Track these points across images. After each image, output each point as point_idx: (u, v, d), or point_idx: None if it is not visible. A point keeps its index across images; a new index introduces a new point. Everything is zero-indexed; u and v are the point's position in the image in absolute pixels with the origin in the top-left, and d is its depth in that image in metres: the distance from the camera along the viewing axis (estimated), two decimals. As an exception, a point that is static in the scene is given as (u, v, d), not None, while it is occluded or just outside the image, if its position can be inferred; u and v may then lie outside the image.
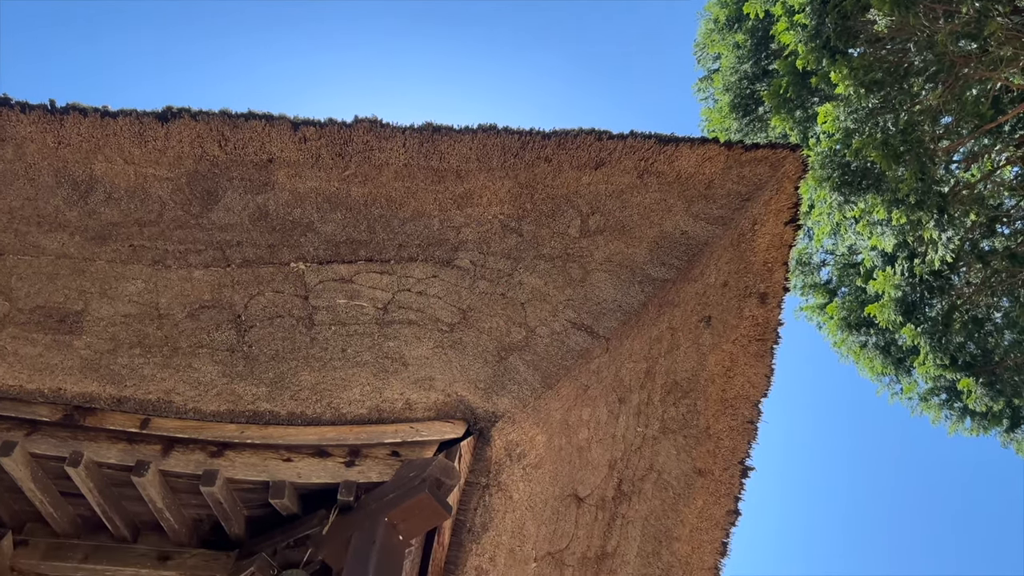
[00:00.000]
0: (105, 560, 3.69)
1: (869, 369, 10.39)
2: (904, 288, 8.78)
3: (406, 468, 3.64)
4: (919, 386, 9.94)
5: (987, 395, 8.74)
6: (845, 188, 8.26)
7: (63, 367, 3.36)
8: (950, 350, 8.82)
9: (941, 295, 8.85)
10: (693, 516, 4.43)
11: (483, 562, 4.24)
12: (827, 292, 11.09)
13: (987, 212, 8.87)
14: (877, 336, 10.03)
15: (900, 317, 8.81)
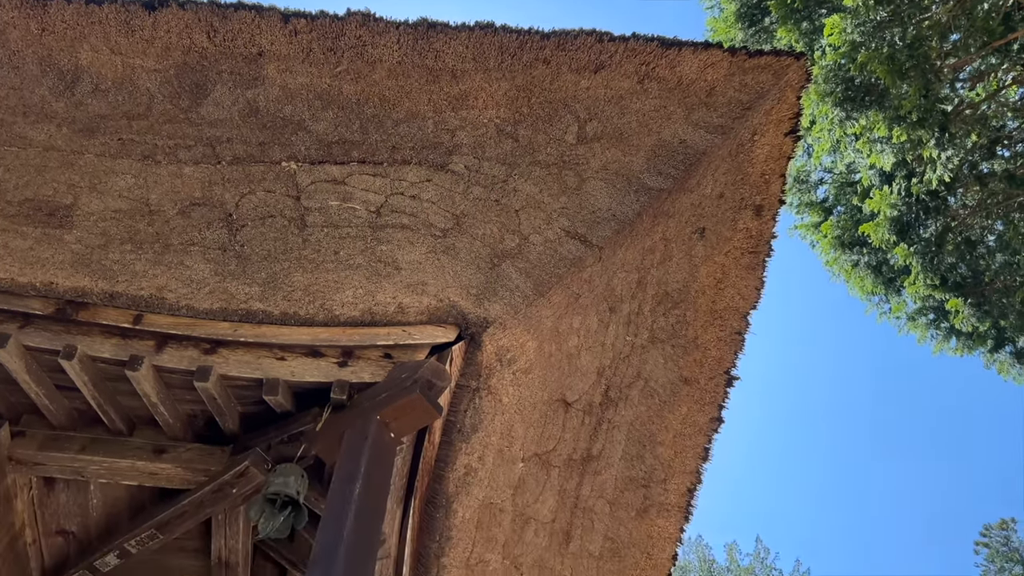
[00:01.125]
0: (102, 452, 3.78)
1: (859, 288, 10.48)
2: (900, 208, 8.76)
3: (398, 370, 3.69)
4: (908, 306, 10.06)
5: (974, 316, 8.86)
6: (847, 104, 8.13)
7: (54, 261, 3.35)
8: (941, 270, 8.87)
9: (936, 216, 8.84)
10: (677, 422, 4.54)
11: (472, 461, 4.36)
12: (823, 210, 11.07)
13: (989, 133, 8.77)
14: (869, 256, 10.08)
15: (894, 236, 8.83)
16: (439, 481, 4.40)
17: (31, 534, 4.01)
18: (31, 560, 4.08)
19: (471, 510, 4.52)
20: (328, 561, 2.77)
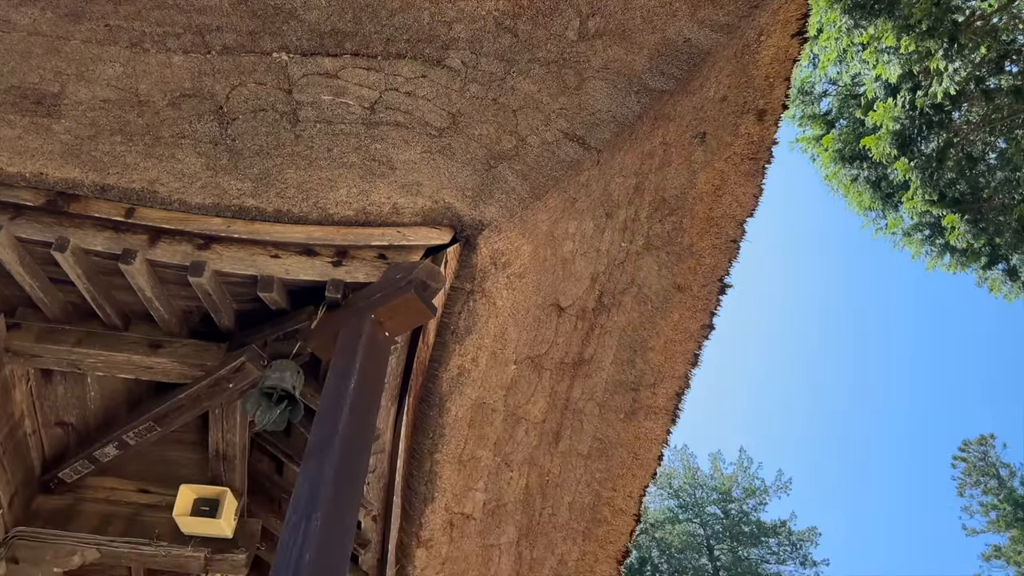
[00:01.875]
0: (98, 345, 3.82)
1: (857, 203, 10.45)
2: (903, 121, 8.63)
3: (393, 270, 3.69)
4: (904, 221, 10.06)
5: (970, 232, 8.87)
6: (857, 11, 7.89)
7: (43, 151, 3.28)
8: (940, 186, 8.83)
9: (939, 130, 8.72)
10: (669, 329, 4.59)
11: (466, 362, 4.42)
12: (825, 123, 10.91)
13: (998, 47, 8.56)
14: (869, 170, 10.00)
15: (895, 151, 8.74)
16: (433, 380, 4.47)
17: (31, 424, 4.08)
18: (32, 450, 4.17)
19: (464, 409, 4.62)
20: (323, 452, 2.83)
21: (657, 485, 38.18)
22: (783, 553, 35.08)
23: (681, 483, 38.59)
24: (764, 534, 35.21)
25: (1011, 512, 32.50)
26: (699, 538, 35.31)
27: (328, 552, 2.44)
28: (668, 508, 37.14)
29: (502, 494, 5.08)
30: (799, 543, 35.18)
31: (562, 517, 5.31)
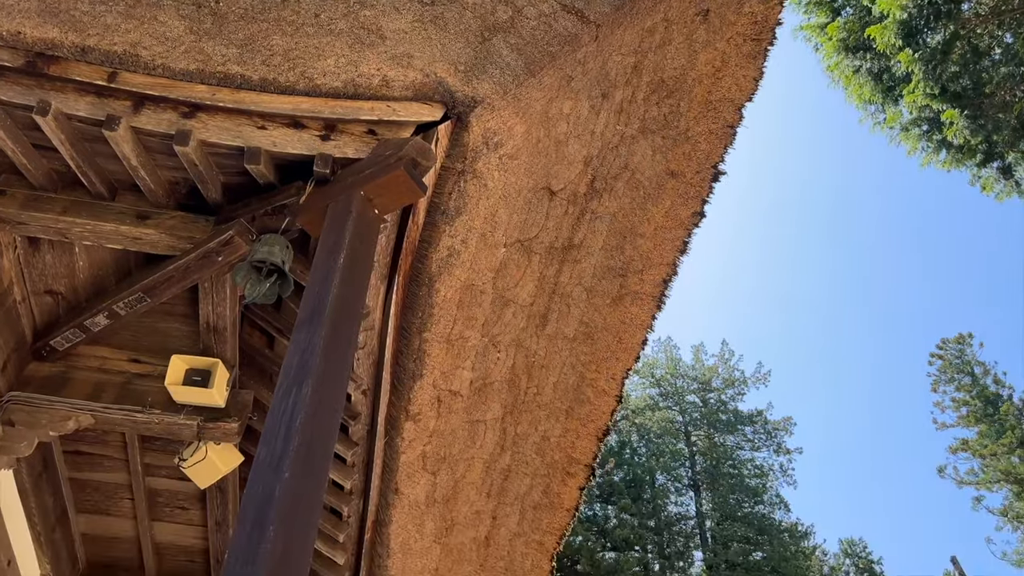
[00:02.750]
0: (84, 214, 3.78)
1: (857, 96, 10.26)
2: (911, 10, 8.35)
3: (382, 146, 3.63)
4: (903, 116, 9.91)
5: (968, 128, 8.76)
6: None
7: (20, 8, 3.13)
8: (942, 80, 8.64)
9: (947, 21, 8.45)
10: (659, 215, 4.59)
11: (455, 244, 4.43)
12: (831, 11, 10.54)
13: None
14: (872, 62, 9.75)
15: (899, 41, 8.49)
16: (422, 261, 4.49)
17: (19, 292, 4.09)
18: (22, 317, 4.20)
19: (453, 290, 4.66)
20: (313, 323, 2.87)
21: (640, 375, 39.23)
22: (758, 441, 36.52)
23: (663, 373, 39.64)
24: (740, 422, 36.53)
25: (981, 408, 33.75)
26: (677, 424, 36.60)
27: (319, 418, 2.51)
28: (649, 396, 38.30)
29: (489, 373, 5.20)
30: (774, 432, 36.57)
31: (546, 396, 5.46)
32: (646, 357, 40.31)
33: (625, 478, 31.57)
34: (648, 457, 34.53)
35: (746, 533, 31.81)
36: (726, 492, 33.14)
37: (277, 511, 2.17)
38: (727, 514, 32.51)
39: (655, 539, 31.04)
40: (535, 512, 5.76)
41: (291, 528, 2.19)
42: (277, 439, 2.39)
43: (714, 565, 30.20)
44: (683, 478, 35.24)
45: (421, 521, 5.33)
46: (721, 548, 30.72)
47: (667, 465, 34.59)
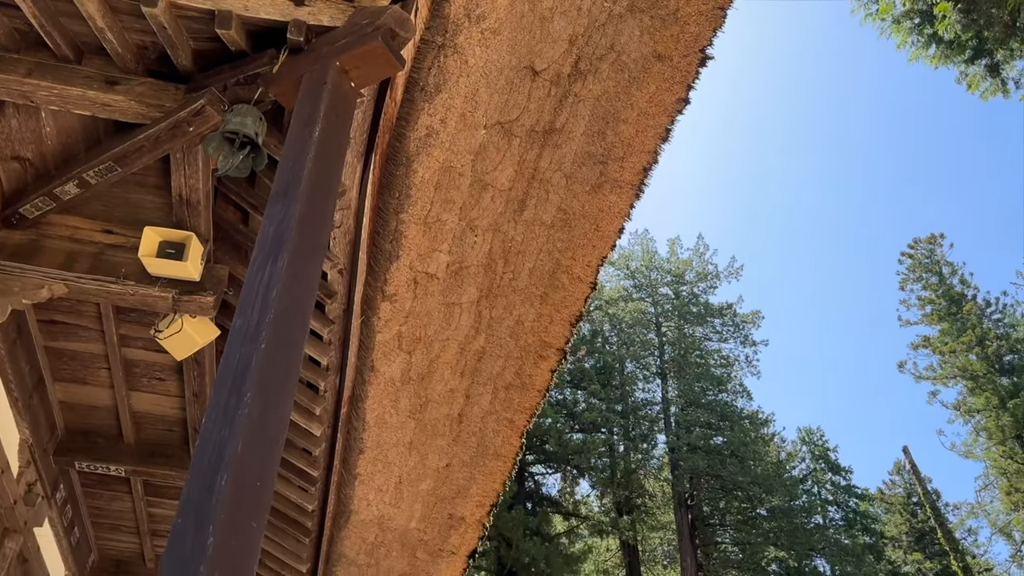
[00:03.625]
0: (50, 77, 3.62)
1: (851, -15, 9.94)
2: None
3: (359, 15, 3.48)
4: (895, 7, 9.64)
5: (960, 22, 8.55)
6: None
7: None
8: (939, -30, 8.38)
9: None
10: (644, 101, 4.51)
11: (434, 123, 4.34)
12: None
13: None
14: (870, -52, 9.41)
15: (900, -73, 8.17)
16: (400, 139, 4.41)
17: (-15, 157, 3.98)
18: (-10, 183, 4.10)
19: (431, 171, 4.60)
20: (288, 196, 2.83)
21: (615, 267, 39.62)
22: (726, 333, 37.46)
23: (638, 265, 40.06)
24: (710, 315, 37.34)
25: (945, 307, 34.72)
26: (649, 315, 37.35)
27: (294, 290, 2.52)
28: (623, 288, 38.84)
29: (465, 257, 5.22)
30: (742, 324, 37.49)
31: (522, 281, 5.51)
32: (622, 249, 40.63)
33: (596, 365, 32.43)
34: (619, 346, 35.38)
35: (708, 419, 33.12)
36: (692, 380, 34.25)
37: (254, 378, 2.21)
38: (691, 401, 33.73)
39: (621, 422, 32.25)
40: (507, 392, 5.93)
41: (267, 395, 2.24)
42: (253, 309, 2.41)
43: (676, 448, 31.58)
44: (651, 366, 36.28)
45: (396, 398, 5.47)
46: (684, 432, 32.04)
47: (636, 354, 35.52)
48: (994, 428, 32.65)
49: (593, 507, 33.16)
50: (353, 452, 5.53)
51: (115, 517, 6.22)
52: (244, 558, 2.01)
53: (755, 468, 31.58)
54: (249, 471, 2.09)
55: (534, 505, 29.14)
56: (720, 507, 33.53)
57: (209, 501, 2.01)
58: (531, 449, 29.01)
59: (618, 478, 30.36)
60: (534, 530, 26.30)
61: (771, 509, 33.08)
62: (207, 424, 2.23)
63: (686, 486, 31.60)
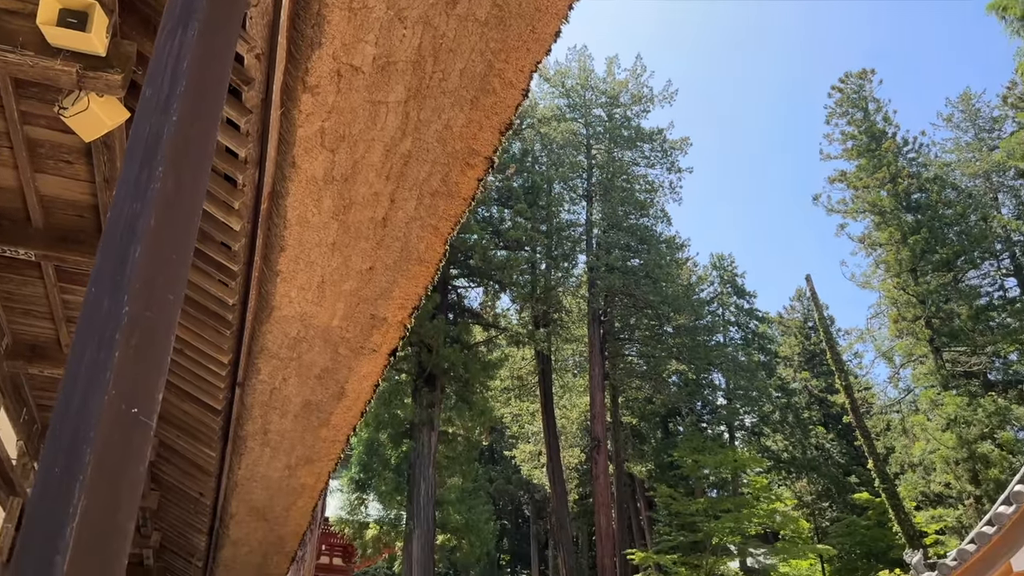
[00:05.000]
0: None
1: None
2: None
3: None
4: None
5: None
6: None
7: None
8: None
9: None
10: None
11: None
12: None
13: None
14: None
15: None
16: (324, -88, 4.03)
17: None
18: None
19: (358, -49, 4.26)
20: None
21: (551, 83, 38.69)
22: (654, 158, 37.82)
23: (574, 83, 39.23)
24: (641, 139, 37.44)
25: (866, 143, 35.67)
26: (580, 137, 37.17)
27: (207, 63, 2.36)
28: (557, 107, 38.21)
29: (393, 51, 4.98)
30: (670, 150, 37.82)
31: (452, 83, 5.33)
32: (559, 65, 39.54)
33: (524, 184, 32.52)
34: (548, 167, 35.38)
35: (628, 242, 34.18)
36: (616, 204, 34.89)
37: (166, 152, 2.12)
38: (613, 224, 34.55)
39: (545, 242, 32.95)
40: (433, 199, 5.91)
41: (180, 171, 2.16)
42: (163, 80, 2.27)
43: (595, 267, 32.71)
44: (578, 188, 36.64)
45: (319, 197, 5.40)
46: (604, 253, 33.08)
47: (565, 175, 35.68)
48: (892, 261, 34.87)
49: (512, 320, 34.56)
50: (274, 250, 5.51)
51: (27, 302, 6.12)
52: (161, 330, 2.02)
53: (667, 289, 33.17)
54: (164, 245, 2.06)
55: (456, 316, 30.14)
56: (630, 324, 35.45)
57: (123, 272, 1.99)
58: (456, 264, 29.55)
59: (538, 294, 31.48)
60: (454, 338, 27.38)
61: (677, 327, 35.19)
62: (118, 198, 2.16)
63: (601, 303, 33.09)
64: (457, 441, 29.21)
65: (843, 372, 38.31)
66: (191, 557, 8.13)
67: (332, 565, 33.70)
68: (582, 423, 40.59)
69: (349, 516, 26.20)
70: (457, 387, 28.22)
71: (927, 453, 30.56)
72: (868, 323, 41.73)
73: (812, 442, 49.20)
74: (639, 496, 46.40)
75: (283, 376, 6.70)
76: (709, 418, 47.43)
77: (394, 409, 26.63)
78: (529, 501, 56.86)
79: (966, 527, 22.92)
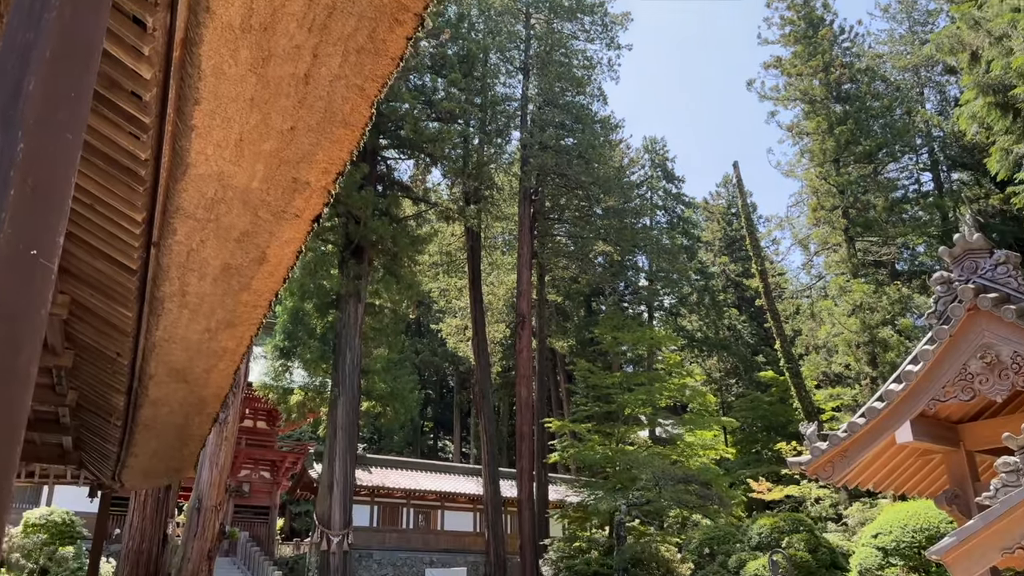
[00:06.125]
0: None
1: None
2: None
3: None
4: None
5: None
6: None
7: None
8: None
9: None
10: None
11: None
12: None
13: None
14: None
15: None
16: None
17: None
18: None
19: None
20: None
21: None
22: (594, 32, 36.88)
23: (514, -53, 37.32)
24: (582, 11, 36.33)
25: (803, 29, 35.55)
26: (520, 4, 35.81)
27: None
28: (495, -30, 36.45)
29: None
30: (611, 25, 36.91)
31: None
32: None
33: (459, 53, 31.40)
34: (485, 35, 34.14)
35: (563, 120, 33.80)
36: (552, 79, 34.19)
37: (58, -22, 1.95)
38: (549, 100, 33.98)
39: (479, 115, 32.27)
40: (358, 56, 5.65)
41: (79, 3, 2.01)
42: None
43: (528, 145, 32.38)
44: (515, 60, 35.65)
45: (235, 47, 5.09)
46: (538, 131, 32.69)
47: (502, 44, 34.58)
48: (817, 151, 35.65)
49: (443, 195, 34.26)
50: (188, 103, 5.23)
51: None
52: (61, 172, 1.93)
53: (599, 170, 33.25)
54: (60, 80, 1.93)
55: (385, 188, 29.65)
56: (560, 203, 35.63)
57: (15, 106, 1.86)
58: (386, 134, 28.76)
59: (469, 169, 31.12)
60: (383, 211, 27.05)
61: (606, 209, 35.58)
62: (10, 27, 2.00)
63: (532, 182, 33.01)
64: (384, 313, 29.43)
65: (760, 257, 39.79)
66: (109, 416, 8.12)
67: (256, 428, 34.31)
68: (508, 300, 41.35)
69: (273, 382, 26.45)
70: (385, 260, 28.15)
71: (831, 336, 32.46)
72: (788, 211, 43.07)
73: (725, 323, 51.59)
74: (559, 370, 48.21)
75: (200, 238, 6.52)
76: (630, 298, 48.98)
77: (320, 280, 26.49)
78: (454, 373, 58.45)
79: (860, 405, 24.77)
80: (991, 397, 8.50)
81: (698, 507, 26.17)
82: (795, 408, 34.61)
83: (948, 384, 8.79)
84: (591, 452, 30.17)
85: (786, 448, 30.09)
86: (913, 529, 14.77)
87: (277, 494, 34.35)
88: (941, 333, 8.85)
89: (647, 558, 25.31)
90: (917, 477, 10.84)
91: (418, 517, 34.85)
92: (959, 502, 9.08)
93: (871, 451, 9.74)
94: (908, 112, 38.41)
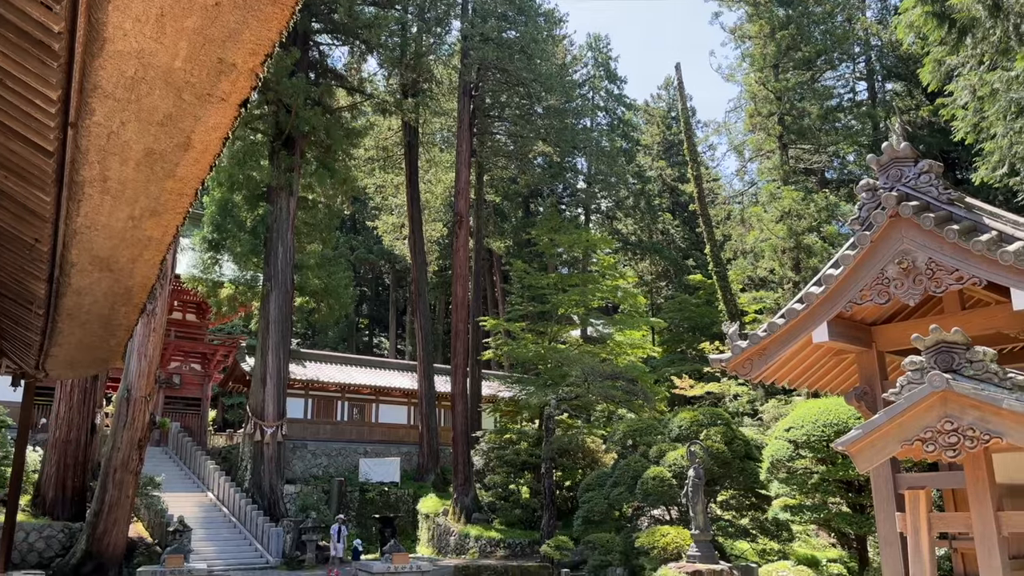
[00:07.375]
0: None
1: None
2: None
3: None
4: None
5: None
6: None
7: None
8: None
9: None
10: None
11: None
12: None
13: None
14: None
15: None
16: None
17: None
18: None
19: None
20: None
21: None
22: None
23: None
24: None
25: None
26: None
27: None
28: None
29: None
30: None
31: None
32: None
33: (397, -67, 29.71)
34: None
35: (506, 11, 32.69)
36: (496, -33, 32.81)
37: None
38: (492, -10, 32.69)
39: (418, 1, 30.93)
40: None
41: None
42: None
43: (469, 36, 31.31)
44: (457, -55, 33.94)
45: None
46: (480, 21, 31.57)
47: (443, -72, 32.79)
48: (758, 55, 35.57)
49: (379, 86, 33.09)
50: (103, -30, 4.87)
51: None
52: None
53: (541, 66, 32.51)
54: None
55: (317, 76, 28.46)
56: (501, 100, 34.89)
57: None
58: (318, 17, 27.37)
59: (407, 59, 30.03)
60: (316, 100, 26.06)
61: (547, 108, 35.04)
62: None
63: (473, 76, 32.12)
64: (318, 208, 28.82)
65: (696, 162, 40.15)
66: (30, 305, 7.87)
67: (186, 320, 33.82)
68: (446, 198, 40.93)
69: (202, 275, 25.90)
70: (318, 152, 27.34)
71: (759, 242, 33.36)
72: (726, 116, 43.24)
73: (659, 227, 52.39)
74: (496, 270, 48.50)
75: (121, 120, 6.20)
76: (568, 200, 49.04)
77: (249, 171, 25.63)
78: (390, 271, 58.20)
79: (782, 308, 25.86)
80: (904, 301, 8.94)
81: (624, 402, 27.24)
82: (720, 310, 35.84)
83: (866, 288, 9.20)
84: (524, 350, 30.83)
85: (709, 348, 31.31)
86: (823, 424, 15.69)
87: (209, 386, 34.27)
88: (863, 239, 9.19)
89: (574, 448, 26.43)
90: (830, 375, 11.47)
91: (352, 410, 35.35)
92: (867, 399, 9.68)
93: (788, 350, 10.22)
94: (849, 19, 38.44)
